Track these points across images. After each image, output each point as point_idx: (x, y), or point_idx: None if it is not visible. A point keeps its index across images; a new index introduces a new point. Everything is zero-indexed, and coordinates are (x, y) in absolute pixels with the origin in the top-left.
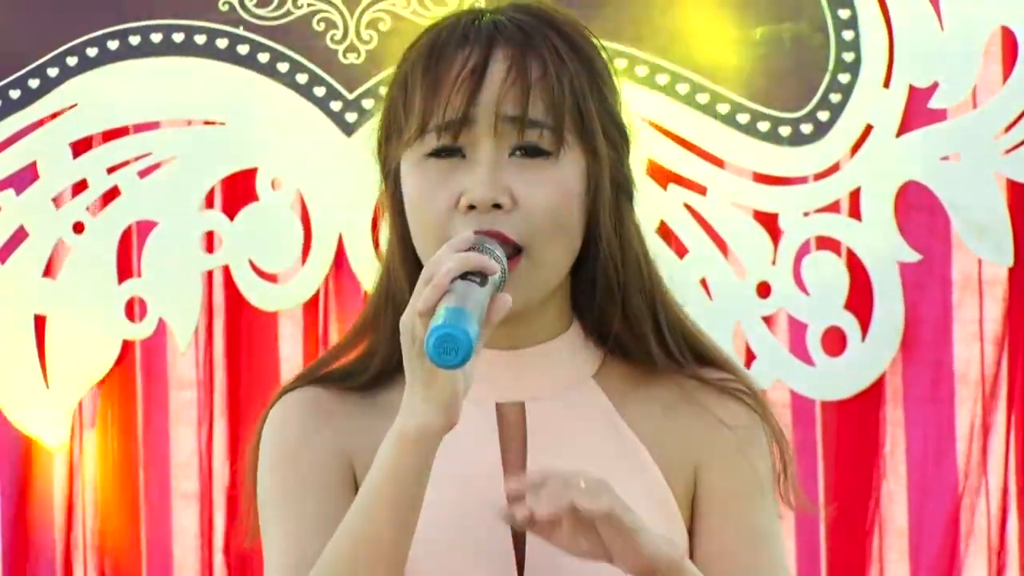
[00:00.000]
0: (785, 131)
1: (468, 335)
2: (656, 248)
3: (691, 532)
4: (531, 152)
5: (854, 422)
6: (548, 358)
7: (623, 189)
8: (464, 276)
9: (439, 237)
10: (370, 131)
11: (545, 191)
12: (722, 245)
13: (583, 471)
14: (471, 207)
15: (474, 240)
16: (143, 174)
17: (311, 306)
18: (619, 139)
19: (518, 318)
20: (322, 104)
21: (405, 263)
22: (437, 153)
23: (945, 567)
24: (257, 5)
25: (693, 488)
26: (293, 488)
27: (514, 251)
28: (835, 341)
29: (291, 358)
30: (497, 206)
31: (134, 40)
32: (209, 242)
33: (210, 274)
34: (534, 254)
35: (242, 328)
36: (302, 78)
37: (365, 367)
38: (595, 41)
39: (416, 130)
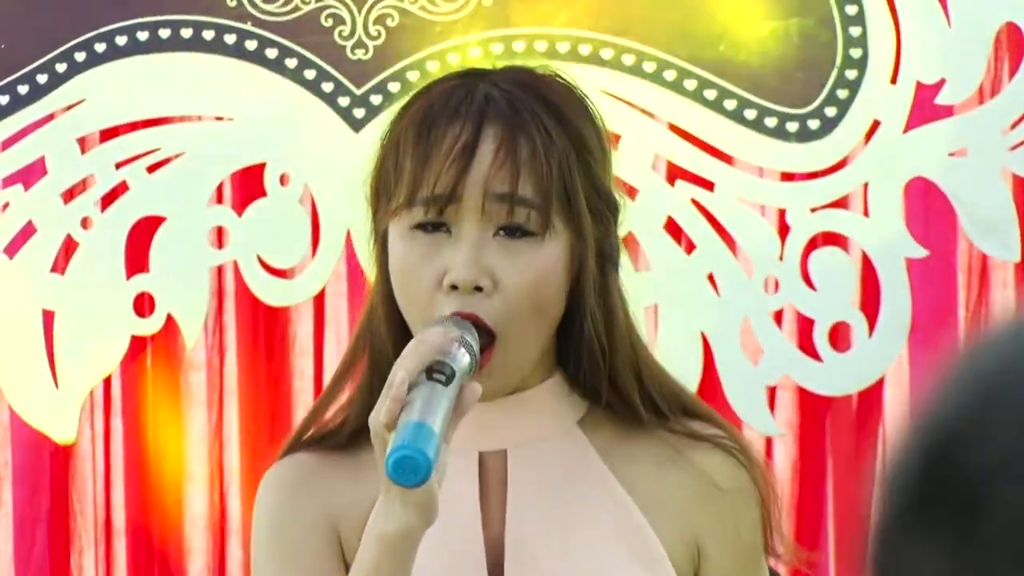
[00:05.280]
0: (792, 127)
1: (426, 456)
2: (663, 245)
3: None
4: (516, 232)
5: (861, 417)
6: (530, 405)
7: (608, 259)
8: (432, 374)
9: (423, 313)
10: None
11: (527, 274)
12: (729, 241)
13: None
14: (453, 287)
15: (448, 328)
16: (151, 169)
17: (319, 301)
18: (606, 211)
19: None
20: (330, 100)
21: (389, 322)
22: (423, 226)
23: None
24: (265, 1)
25: (696, 559)
26: (279, 563)
27: (489, 339)
28: (842, 336)
29: (301, 354)
30: (478, 288)
31: (142, 36)
32: (217, 237)
33: (218, 269)
34: (508, 341)
35: (251, 323)
36: (310, 74)
37: (340, 426)
38: (589, 107)
39: (404, 200)
